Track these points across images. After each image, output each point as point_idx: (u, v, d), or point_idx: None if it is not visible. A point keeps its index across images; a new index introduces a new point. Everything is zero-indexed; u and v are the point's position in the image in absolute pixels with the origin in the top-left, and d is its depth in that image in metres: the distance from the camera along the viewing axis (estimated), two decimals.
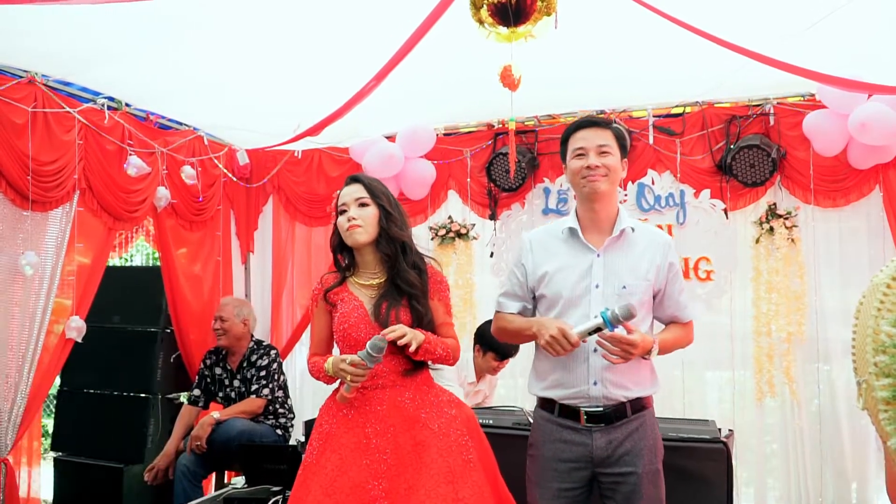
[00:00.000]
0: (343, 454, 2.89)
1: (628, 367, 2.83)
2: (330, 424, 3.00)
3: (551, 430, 2.91)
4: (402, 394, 2.96)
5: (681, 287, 3.02)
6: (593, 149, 2.90)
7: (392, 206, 3.07)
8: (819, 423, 4.96)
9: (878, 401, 1.11)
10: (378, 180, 3.17)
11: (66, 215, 4.57)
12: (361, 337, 2.92)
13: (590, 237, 2.94)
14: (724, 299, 5.19)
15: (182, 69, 4.41)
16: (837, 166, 4.85)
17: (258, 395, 5.19)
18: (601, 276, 2.88)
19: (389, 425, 2.91)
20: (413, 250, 3.08)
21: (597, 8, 3.58)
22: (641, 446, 2.84)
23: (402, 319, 2.94)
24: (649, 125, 5.28)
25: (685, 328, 3.06)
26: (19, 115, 4.18)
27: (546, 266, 2.96)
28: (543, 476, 2.91)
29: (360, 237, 3.02)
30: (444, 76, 4.51)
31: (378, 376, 2.94)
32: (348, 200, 3.05)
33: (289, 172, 6.22)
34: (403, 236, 3.05)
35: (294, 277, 6.34)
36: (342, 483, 2.83)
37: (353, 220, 3.01)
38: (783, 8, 3.65)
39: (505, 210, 5.71)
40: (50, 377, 4.62)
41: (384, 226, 3.02)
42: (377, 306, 2.98)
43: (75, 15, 3.57)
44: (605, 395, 2.84)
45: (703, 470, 3.84)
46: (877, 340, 1.11)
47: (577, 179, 2.93)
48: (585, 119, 3.05)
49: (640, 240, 2.96)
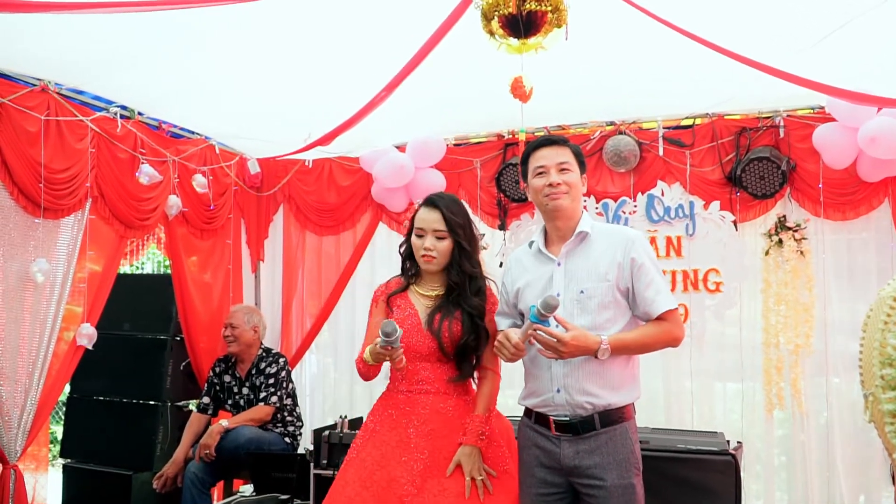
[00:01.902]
0: (385, 450, 3.04)
1: (592, 371, 2.84)
2: (375, 423, 3.15)
3: (530, 436, 2.99)
4: (445, 400, 3.10)
5: (648, 281, 2.89)
6: (553, 167, 2.96)
7: (468, 239, 3.16)
8: (827, 435, 4.94)
9: (885, 413, 1.11)
10: (458, 206, 3.21)
11: (78, 223, 4.58)
12: (412, 343, 3.06)
13: (553, 248, 3.01)
14: (734, 311, 5.17)
15: (195, 78, 4.43)
16: (847, 179, 4.85)
17: (266, 403, 5.20)
18: (562, 284, 2.92)
19: (430, 428, 3.05)
20: (480, 277, 3.19)
21: (607, 20, 3.58)
22: (609, 460, 2.82)
23: (453, 331, 3.07)
24: (659, 136, 5.28)
25: (661, 323, 2.90)
26: (32, 123, 4.20)
27: (518, 282, 3.05)
28: (524, 481, 2.99)
29: (432, 268, 3.15)
30: (455, 87, 4.52)
31: (424, 382, 3.10)
32: (426, 227, 3.13)
33: (299, 181, 6.24)
34: (474, 271, 3.16)
35: (304, 286, 6.34)
36: (380, 476, 2.98)
37: (428, 251, 3.11)
38: (794, 21, 3.65)
39: (514, 220, 5.72)
40: (60, 384, 4.63)
41: (457, 259, 3.13)
42: (431, 316, 3.11)
43: (88, 23, 3.58)
44: (570, 402, 2.85)
45: (711, 482, 3.84)
46: (883, 353, 1.12)
47: (540, 198, 2.99)
48: (544, 138, 3.08)
49: (600, 241, 2.96)
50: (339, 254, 6.22)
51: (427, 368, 3.10)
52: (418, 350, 3.08)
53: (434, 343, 3.06)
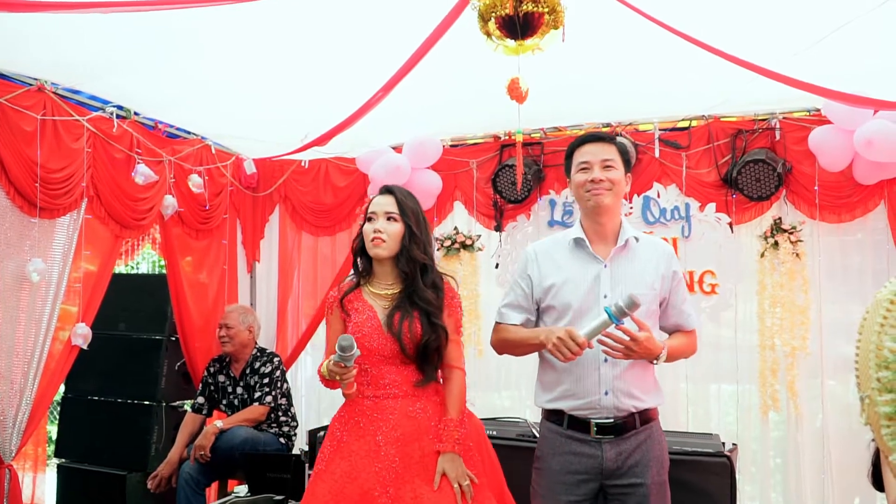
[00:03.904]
0: (354, 461, 2.90)
1: (637, 375, 2.86)
2: (342, 432, 3.01)
3: (560, 443, 2.91)
4: (413, 404, 2.98)
5: (684, 296, 3.04)
6: (598, 163, 2.93)
7: (419, 225, 3.06)
8: (822, 437, 4.94)
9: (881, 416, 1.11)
10: (412, 196, 3.15)
11: (74, 223, 4.58)
12: (374, 347, 2.96)
13: (596, 248, 2.97)
14: (729, 313, 5.18)
15: (191, 78, 4.43)
16: (843, 182, 4.85)
17: (261, 403, 5.21)
18: (609, 286, 2.90)
19: (400, 434, 2.92)
20: (433, 270, 3.09)
21: (604, 22, 3.59)
22: (649, 458, 2.85)
23: (414, 331, 2.95)
24: (655, 138, 5.28)
25: (689, 336, 3.06)
26: (28, 123, 4.20)
27: (553, 277, 2.98)
28: (551, 489, 2.91)
29: (381, 252, 3.02)
30: (452, 88, 4.52)
31: (390, 386, 2.97)
32: (378, 210, 3.05)
33: (295, 182, 6.24)
34: (424, 258, 3.05)
35: (300, 287, 6.35)
36: (351, 490, 2.84)
37: (378, 232, 3.01)
38: (790, 23, 3.66)
39: (510, 222, 5.72)
40: (55, 384, 4.62)
41: (406, 245, 3.02)
42: (390, 317, 2.99)
43: (85, 24, 3.58)
44: (616, 406, 2.84)
45: (706, 484, 3.84)
46: (880, 356, 1.12)
47: (582, 193, 2.97)
48: (591, 134, 3.09)
49: (644, 250, 2.99)
50: (334, 254, 6.21)
51: (392, 371, 2.97)
52: (381, 353, 2.97)
53: (396, 345, 2.95)
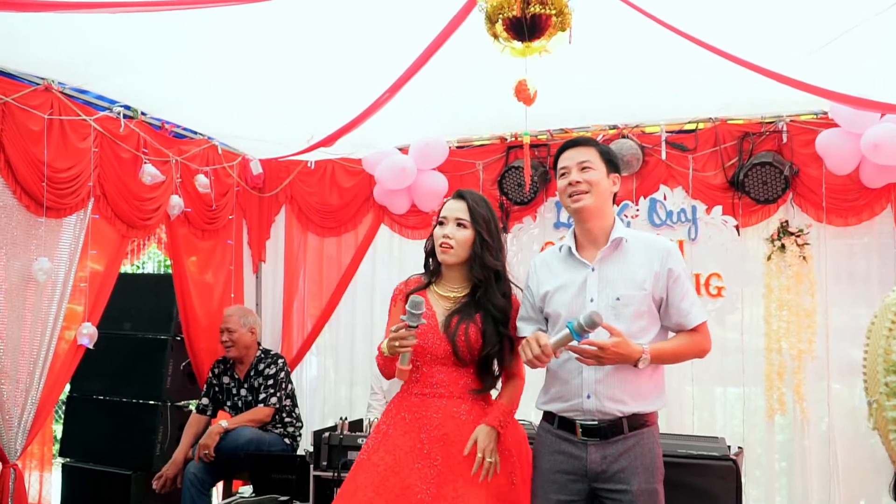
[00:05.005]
0: (398, 455, 2.94)
1: (624, 379, 2.81)
2: (388, 426, 3.04)
3: (551, 442, 2.92)
4: (458, 405, 2.99)
5: (683, 293, 2.91)
6: (574, 166, 2.94)
7: (490, 232, 3.05)
8: (828, 441, 4.92)
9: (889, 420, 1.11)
10: (485, 202, 3.13)
11: (81, 222, 4.58)
12: (427, 346, 2.98)
13: (586, 253, 2.96)
14: (735, 316, 5.16)
15: (197, 79, 4.43)
16: (849, 185, 4.84)
17: (266, 404, 5.21)
18: (596, 290, 2.88)
19: (443, 433, 2.95)
20: (505, 278, 3.09)
21: (611, 24, 3.58)
22: (637, 464, 2.81)
23: (470, 335, 2.97)
24: (662, 140, 5.28)
25: (694, 335, 2.94)
26: (35, 122, 4.21)
27: (547, 285, 2.98)
28: (543, 487, 2.91)
29: (448, 258, 3.03)
30: (458, 89, 4.52)
31: (438, 385, 3.00)
32: (448, 215, 3.05)
33: (302, 182, 6.24)
34: (497, 265, 3.05)
35: (305, 287, 6.34)
36: (393, 483, 2.88)
37: (447, 238, 3.01)
38: (797, 26, 3.65)
39: (517, 223, 5.72)
40: (61, 383, 4.63)
41: (478, 252, 3.02)
42: (448, 319, 3.01)
43: (92, 23, 3.59)
44: (599, 409, 2.81)
45: (711, 487, 3.83)
46: (888, 360, 1.12)
47: (564, 198, 2.98)
48: (569, 140, 3.09)
49: (636, 249, 2.93)
50: (340, 255, 6.21)
51: (441, 372, 3.00)
52: (433, 352, 2.99)
53: (449, 346, 2.97)
